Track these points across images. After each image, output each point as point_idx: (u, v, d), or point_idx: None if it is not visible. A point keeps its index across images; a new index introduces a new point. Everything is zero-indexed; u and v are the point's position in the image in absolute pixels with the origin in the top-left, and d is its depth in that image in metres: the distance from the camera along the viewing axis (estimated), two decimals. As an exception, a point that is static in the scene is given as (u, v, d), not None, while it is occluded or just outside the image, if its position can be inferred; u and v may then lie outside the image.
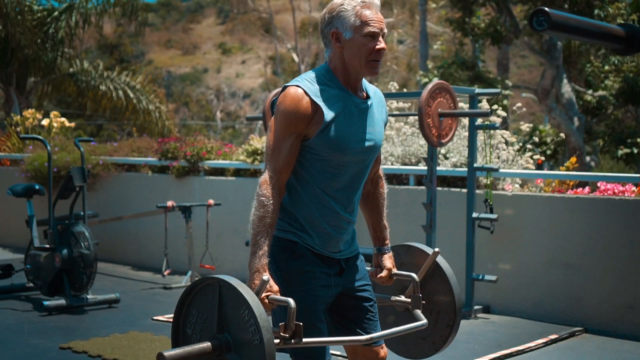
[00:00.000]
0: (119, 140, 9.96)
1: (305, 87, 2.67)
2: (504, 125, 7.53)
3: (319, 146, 2.68)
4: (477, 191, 6.38)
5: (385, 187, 3.02)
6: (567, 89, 16.36)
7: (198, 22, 65.30)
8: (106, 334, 5.58)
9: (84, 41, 15.76)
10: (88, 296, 6.40)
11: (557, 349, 5.38)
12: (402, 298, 3.04)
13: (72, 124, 10.34)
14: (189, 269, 7.54)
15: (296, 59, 36.52)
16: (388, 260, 2.97)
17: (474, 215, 6.18)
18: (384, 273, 2.95)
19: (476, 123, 6.25)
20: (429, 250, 3.06)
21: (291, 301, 2.46)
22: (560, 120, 16.06)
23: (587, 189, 6.23)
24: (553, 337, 5.57)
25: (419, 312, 2.95)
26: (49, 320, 6.03)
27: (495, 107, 7.11)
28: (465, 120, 6.88)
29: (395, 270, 2.98)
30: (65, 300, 6.29)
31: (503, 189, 6.66)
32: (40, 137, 6.79)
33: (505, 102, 16.22)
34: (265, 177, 2.64)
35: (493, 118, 6.78)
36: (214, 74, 59.18)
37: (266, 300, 2.51)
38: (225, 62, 61.21)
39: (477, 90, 6.28)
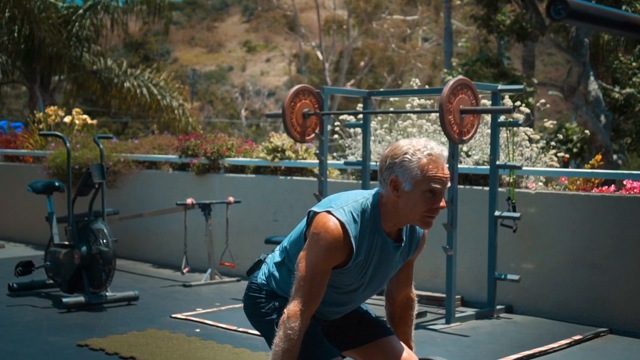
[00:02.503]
0: (141, 138, 9.94)
1: (347, 224, 2.56)
2: (528, 122, 7.40)
3: (335, 276, 2.64)
4: (500, 189, 6.28)
5: (415, 309, 2.94)
6: (593, 86, 16.13)
7: (222, 21, 65.45)
8: (124, 331, 5.56)
9: (110, 39, 15.76)
10: (107, 293, 6.38)
11: (582, 349, 5.27)
12: None
13: (95, 121, 10.35)
14: (208, 267, 7.50)
15: (320, 56, 36.43)
16: None
17: (497, 213, 6.07)
18: None
19: (499, 120, 6.14)
20: None
21: None
22: (587, 117, 15.84)
23: (612, 187, 6.11)
24: (577, 337, 5.46)
25: None
26: (67, 318, 6.02)
27: (518, 103, 6.99)
28: (488, 117, 6.78)
29: None
30: (84, 297, 6.27)
31: (526, 187, 6.55)
32: (59, 133, 6.78)
33: (530, 99, 16.05)
34: (295, 309, 2.55)
35: (516, 115, 6.66)
36: (238, 72, 59.28)
37: None
38: (250, 60, 61.30)
39: (500, 87, 6.17)
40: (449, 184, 2.56)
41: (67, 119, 10.03)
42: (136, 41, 37.40)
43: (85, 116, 10.02)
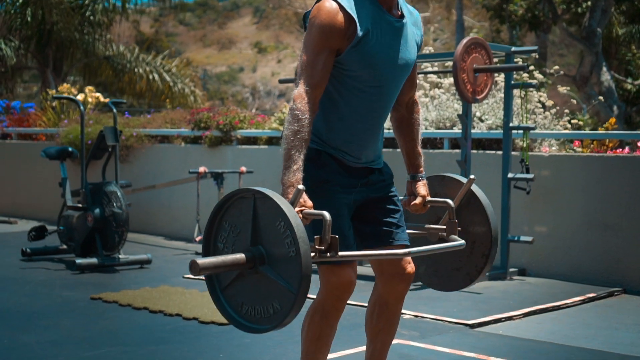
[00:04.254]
0: (153, 113, 9.97)
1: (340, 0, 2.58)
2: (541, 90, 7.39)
3: (349, 62, 2.61)
4: (513, 153, 6.26)
5: (420, 113, 2.93)
6: (606, 76, 16.08)
7: (234, 20, 65.59)
8: (137, 287, 5.57)
9: (121, 36, 15.84)
10: (120, 256, 6.39)
11: (595, 306, 5.25)
12: (437, 226, 2.95)
13: (107, 99, 10.37)
14: (221, 236, 7.49)
15: (331, 55, 36.41)
16: (422, 188, 2.89)
17: (510, 175, 6.05)
18: (418, 200, 2.87)
19: (512, 82, 6.12)
20: (464, 180, 2.96)
21: (326, 214, 2.38)
22: (599, 107, 15.79)
23: (626, 149, 6.08)
24: (591, 295, 5.44)
25: (455, 237, 2.86)
26: (80, 277, 6.04)
27: (532, 67, 6.98)
28: (502, 83, 6.77)
29: (429, 198, 2.91)
30: (97, 259, 6.29)
31: (539, 151, 6.53)
32: (73, 97, 6.80)
33: (543, 90, 16.02)
34: (300, 91, 2.56)
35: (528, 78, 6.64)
36: (249, 73, 59.36)
37: (300, 215, 2.44)
38: (260, 61, 61.41)
39: (514, 49, 6.16)
40: None
41: (80, 97, 10.06)
42: (147, 38, 37.58)
43: (97, 94, 10.06)
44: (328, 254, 2.40)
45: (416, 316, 4.81)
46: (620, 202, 5.81)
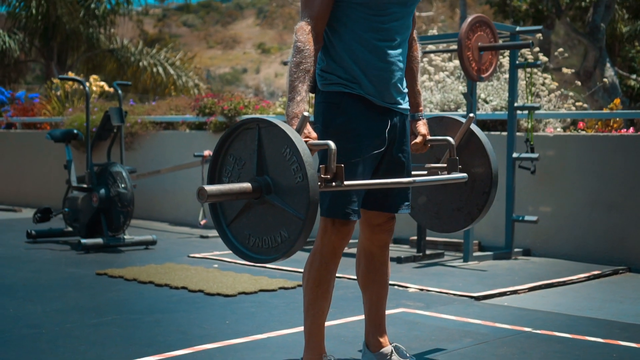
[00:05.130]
0: (158, 100, 9.98)
1: None
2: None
3: None
4: (518, 134, 6.26)
5: (419, 51, 2.94)
6: (610, 72, 16.07)
7: (237, 20, 65.67)
8: (142, 265, 5.59)
9: (125, 36, 15.86)
10: (125, 237, 6.40)
11: (600, 282, 5.24)
12: (438, 164, 2.97)
13: (111, 89, 10.40)
14: (225, 221, 7.50)
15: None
16: (423, 127, 2.90)
17: (515, 155, 6.06)
18: (418, 139, 2.88)
19: (517, 62, 6.13)
20: (463, 120, 2.98)
21: (331, 143, 2.39)
22: (603, 103, 15.77)
23: (631, 129, 6.09)
24: (595, 272, 5.44)
25: (456, 173, 2.88)
26: (86, 256, 6.05)
27: (537, 49, 6.99)
28: (507, 65, 6.77)
29: (430, 137, 2.91)
30: (102, 239, 6.30)
31: (544, 131, 6.53)
32: (78, 78, 6.82)
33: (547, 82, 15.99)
34: (301, 24, 2.59)
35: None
36: (252, 74, 59.41)
37: None
38: (264, 62, 61.46)
39: (519, 28, 6.18)
40: None
41: (84, 86, 10.08)
42: (151, 38, 37.68)
43: (102, 83, 10.08)
44: (334, 183, 2.40)
45: (421, 289, 4.81)
46: (625, 182, 5.82)
